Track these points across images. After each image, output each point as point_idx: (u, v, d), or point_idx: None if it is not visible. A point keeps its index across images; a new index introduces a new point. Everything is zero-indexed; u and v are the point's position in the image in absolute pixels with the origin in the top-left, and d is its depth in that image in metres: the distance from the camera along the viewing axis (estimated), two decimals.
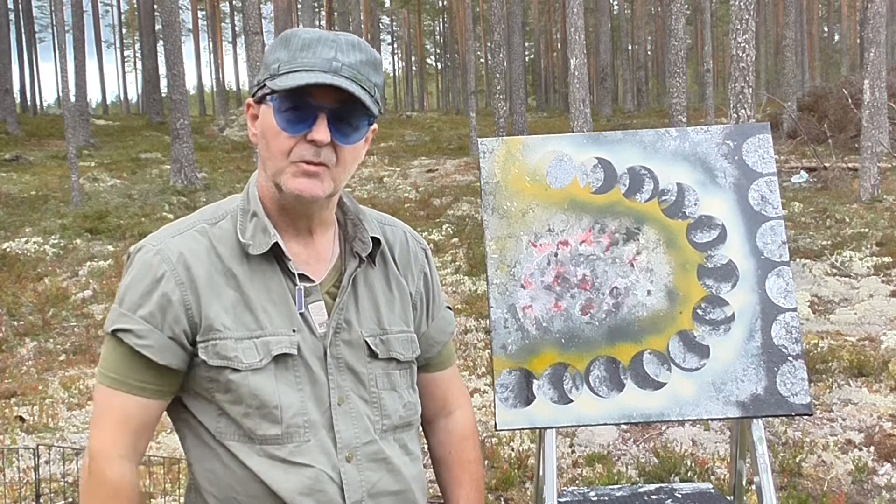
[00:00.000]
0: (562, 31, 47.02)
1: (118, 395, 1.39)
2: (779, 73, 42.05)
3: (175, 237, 1.42)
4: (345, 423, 1.43)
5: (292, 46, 1.38)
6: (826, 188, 15.58)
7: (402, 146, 25.28)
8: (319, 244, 1.48)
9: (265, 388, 1.38)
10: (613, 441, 5.05)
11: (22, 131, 26.03)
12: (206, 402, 1.41)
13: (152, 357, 1.37)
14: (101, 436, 1.40)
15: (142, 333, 1.37)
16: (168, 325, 1.38)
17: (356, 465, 1.43)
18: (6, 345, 8.00)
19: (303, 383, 1.41)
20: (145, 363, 1.38)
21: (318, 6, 50.04)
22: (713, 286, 2.21)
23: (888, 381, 5.87)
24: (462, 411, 1.68)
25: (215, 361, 1.38)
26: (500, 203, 2.29)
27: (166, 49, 18.19)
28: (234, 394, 1.38)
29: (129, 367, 1.39)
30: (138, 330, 1.37)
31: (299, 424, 1.40)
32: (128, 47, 65.04)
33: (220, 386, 1.39)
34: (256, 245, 1.41)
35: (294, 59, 1.37)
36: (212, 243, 1.41)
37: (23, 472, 4.73)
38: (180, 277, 1.38)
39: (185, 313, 1.38)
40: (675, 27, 20.00)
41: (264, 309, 1.40)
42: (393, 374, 1.50)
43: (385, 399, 1.48)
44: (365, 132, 1.43)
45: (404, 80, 67.66)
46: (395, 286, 1.54)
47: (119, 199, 16.13)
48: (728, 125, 2.42)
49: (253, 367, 1.38)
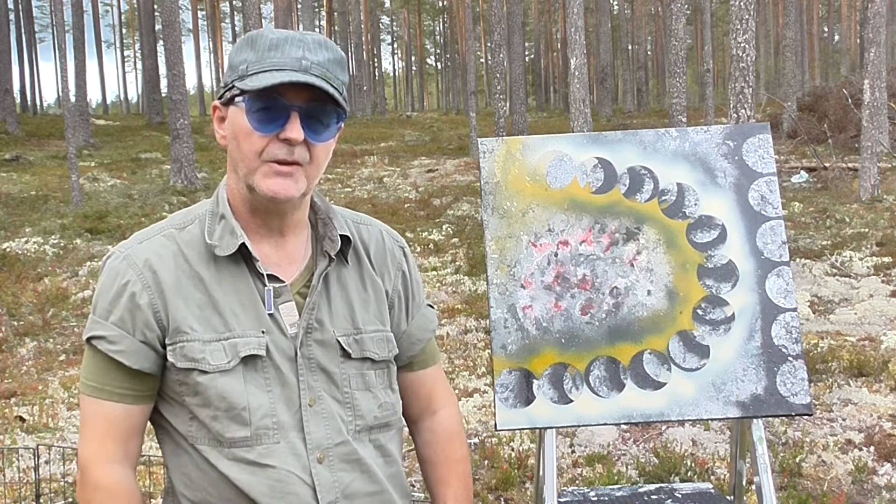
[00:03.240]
0: (562, 31, 47.04)
1: (100, 403, 1.40)
2: (779, 73, 42.06)
3: (143, 243, 1.43)
4: (316, 424, 1.42)
5: (259, 47, 1.38)
6: (826, 188, 15.57)
7: (402, 146, 25.28)
8: (291, 245, 1.48)
9: (233, 390, 1.38)
10: (613, 441, 5.05)
11: (22, 131, 26.03)
12: (178, 405, 1.42)
13: (125, 362, 1.38)
14: (89, 444, 1.41)
15: (114, 339, 1.38)
16: (139, 330, 1.38)
17: (328, 466, 1.42)
18: (6, 345, 8.00)
19: (272, 385, 1.40)
20: (121, 369, 1.39)
21: (318, 6, 50.02)
22: (713, 286, 2.21)
23: (888, 381, 5.87)
24: (447, 410, 1.67)
25: (183, 363, 1.38)
26: (500, 203, 2.29)
27: (166, 49, 18.19)
28: (203, 396, 1.38)
29: (107, 375, 1.40)
30: (111, 336, 1.38)
31: (268, 426, 1.39)
32: (128, 47, 65.06)
33: (188, 389, 1.39)
34: (223, 247, 1.41)
35: (263, 59, 1.37)
36: (179, 247, 1.42)
37: (23, 472, 4.73)
38: (147, 281, 1.39)
39: (153, 317, 1.38)
40: (675, 27, 20.00)
41: (232, 311, 1.40)
42: (367, 374, 1.49)
43: (359, 399, 1.47)
44: (336, 130, 1.43)
45: (404, 80, 67.65)
46: (369, 285, 1.53)
47: (119, 199, 16.13)
48: (728, 125, 2.42)
49: (221, 368, 1.37)
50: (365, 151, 23.07)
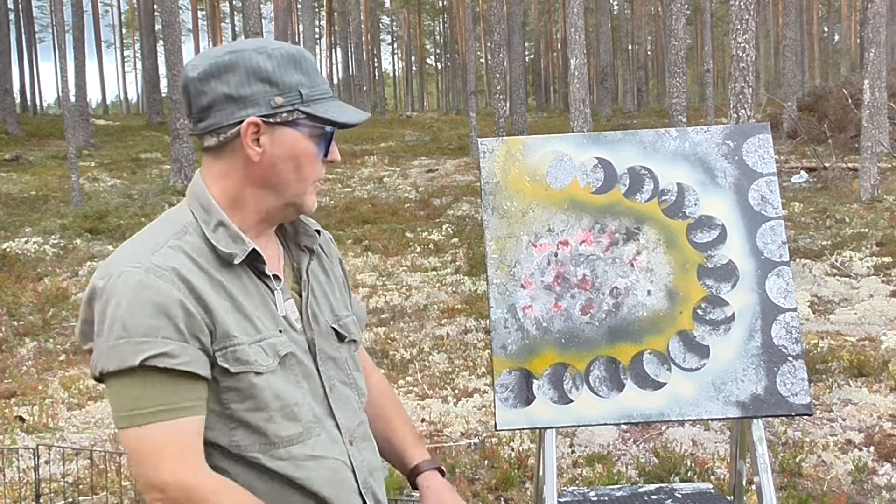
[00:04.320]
0: (562, 31, 47.05)
1: (173, 424, 1.32)
2: (779, 73, 42.07)
3: (155, 254, 1.35)
4: (340, 410, 1.49)
5: (306, 69, 1.42)
6: (826, 188, 15.57)
7: (402, 146, 25.29)
8: (272, 244, 1.51)
9: (284, 389, 1.40)
10: (613, 441, 5.05)
11: (22, 131, 26.03)
12: (216, 417, 1.37)
13: (198, 371, 1.32)
14: (171, 466, 1.31)
15: (176, 352, 1.30)
16: (195, 336, 1.33)
17: (357, 447, 1.50)
18: (6, 345, 8.00)
19: (300, 380, 1.44)
20: (187, 380, 1.32)
21: (318, 6, 50.03)
22: (713, 286, 2.21)
23: (888, 381, 5.87)
24: (377, 376, 1.77)
25: (237, 367, 1.35)
26: (500, 203, 2.29)
27: (166, 49, 18.19)
28: (256, 399, 1.36)
29: (171, 392, 1.31)
30: (171, 350, 1.30)
31: (310, 419, 1.43)
32: (128, 47, 65.08)
33: (239, 394, 1.36)
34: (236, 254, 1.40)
35: (315, 84, 1.43)
36: (191, 257, 1.37)
37: (23, 472, 4.73)
38: (183, 289, 1.33)
39: (203, 323, 1.34)
40: (675, 27, 20.01)
41: (255, 314, 1.40)
42: (354, 355, 1.59)
43: (357, 379, 1.57)
44: None
45: (404, 80, 67.67)
46: (331, 274, 1.61)
47: (119, 199, 16.14)
48: (728, 125, 2.42)
49: (270, 369, 1.39)
50: (365, 151, 23.08)
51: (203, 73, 1.39)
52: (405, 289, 9.75)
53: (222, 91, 1.38)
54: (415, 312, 8.73)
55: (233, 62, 1.38)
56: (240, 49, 1.40)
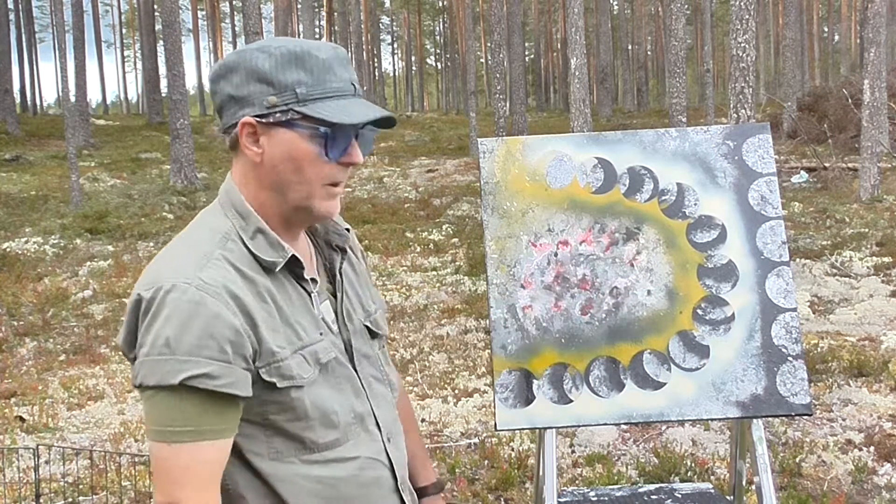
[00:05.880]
0: (562, 31, 47.05)
1: (199, 447, 1.30)
2: (779, 73, 42.07)
3: (205, 270, 1.33)
4: (379, 408, 1.50)
5: (312, 67, 1.35)
6: (826, 188, 15.58)
7: (402, 146, 25.29)
8: (303, 246, 1.50)
9: (324, 398, 1.39)
10: (613, 441, 5.05)
11: (22, 131, 26.04)
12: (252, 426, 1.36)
13: (238, 392, 1.30)
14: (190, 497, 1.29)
15: (217, 373, 1.28)
16: (239, 356, 1.31)
17: (394, 444, 1.51)
18: (6, 345, 8.00)
19: (342, 382, 1.44)
20: (227, 403, 1.31)
21: (317, 6, 50.02)
22: (713, 286, 2.21)
23: (888, 381, 5.87)
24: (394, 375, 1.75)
25: (283, 383, 1.34)
26: (500, 203, 2.29)
27: (166, 49, 18.20)
28: (297, 411, 1.36)
29: (207, 413, 1.30)
30: (212, 371, 1.28)
31: (350, 422, 1.43)
32: (128, 47, 65.08)
33: (280, 406, 1.36)
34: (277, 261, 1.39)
35: (320, 82, 1.35)
36: (237, 268, 1.35)
37: (23, 472, 4.73)
38: (233, 308, 1.31)
39: (248, 342, 1.32)
40: (675, 27, 20.01)
41: (297, 320, 1.40)
42: (384, 350, 1.59)
43: (389, 374, 1.58)
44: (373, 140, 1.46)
45: (404, 80, 67.65)
46: (358, 269, 1.61)
47: (119, 199, 16.14)
48: (728, 125, 2.42)
49: (311, 380, 1.37)
50: None
51: (214, 75, 1.41)
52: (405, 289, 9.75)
53: (228, 91, 1.38)
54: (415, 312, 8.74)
55: (236, 62, 1.38)
56: (245, 49, 1.40)
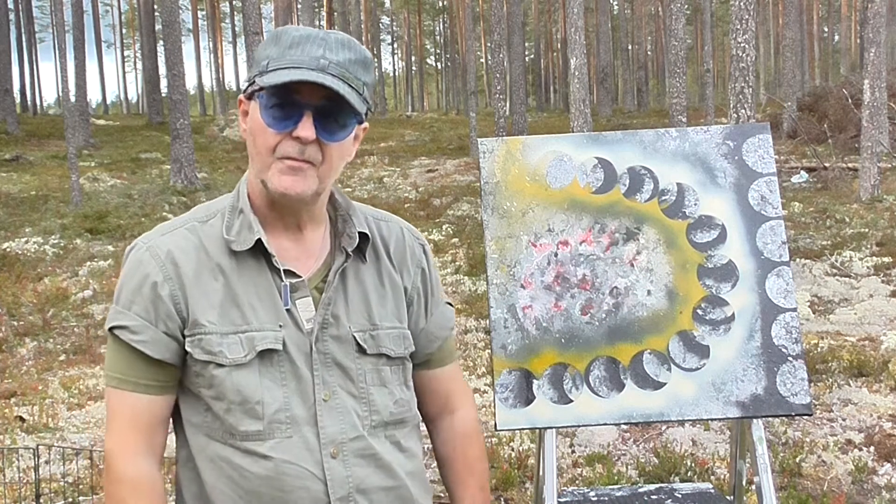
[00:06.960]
0: (562, 31, 47.04)
1: (124, 395, 1.42)
2: (779, 73, 42.07)
3: (165, 235, 1.44)
4: (330, 419, 1.43)
5: (282, 43, 1.39)
6: (826, 188, 15.58)
7: (402, 146, 25.28)
8: (309, 240, 1.49)
9: (248, 384, 1.39)
10: (613, 441, 5.05)
11: (22, 131, 26.03)
12: (194, 397, 1.43)
13: (147, 352, 1.40)
14: (114, 436, 1.42)
15: (136, 329, 1.40)
16: (161, 320, 1.40)
17: (342, 461, 1.42)
18: (6, 345, 8.00)
19: (287, 379, 1.42)
20: (143, 359, 1.40)
21: (318, 6, 50.02)
22: (713, 286, 2.21)
23: (888, 381, 5.87)
24: (465, 410, 1.68)
25: (200, 356, 1.40)
26: (500, 203, 2.29)
27: (166, 49, 18.19)
28: (217, 389, 1.40)
29: (130, 366, 1.41)
30: (133, 326, 1.40)
31: (281, 420, 1.40)
32: (128, 47, 65.08)
33: (204, 381, 1.41)
34: (240, 241, 1.43)
35: (283, 56, 1.38)
36: (201, 241, 1.44)
37: (23, 472, 4.73)
38: (168, 273, 1.40)
39: (174, 307, 1.40)
40: (675, 27, 20.01)
41: (251, 304, 1.42)
42: (383, 371, 1.49)
43: (374, 395, 1.48)
44: (352, 130, 1.43)
45: (404, 80, 67.64)
46: (387, 282, 1.54)
47: (119, 199, 16.13)
48: (728, 125, 2.42)
49: (237, 362, 1.39)
50: (365, 151, 23.06)
51: None
52: None
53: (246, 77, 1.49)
54: None
55: None
56: None
